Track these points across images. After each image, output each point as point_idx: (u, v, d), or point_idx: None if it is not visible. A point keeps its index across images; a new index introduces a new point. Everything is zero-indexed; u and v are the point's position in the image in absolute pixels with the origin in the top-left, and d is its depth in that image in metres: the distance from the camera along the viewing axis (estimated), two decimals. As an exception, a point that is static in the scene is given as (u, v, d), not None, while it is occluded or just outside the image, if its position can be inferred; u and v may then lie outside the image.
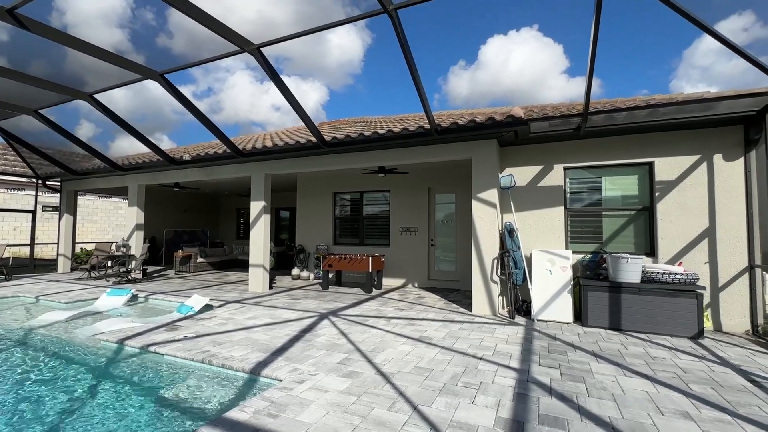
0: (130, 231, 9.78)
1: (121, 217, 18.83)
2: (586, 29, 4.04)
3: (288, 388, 3.01)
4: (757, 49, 7.27)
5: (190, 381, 3.52)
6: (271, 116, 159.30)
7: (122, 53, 6.56)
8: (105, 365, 4.01)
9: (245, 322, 5.17)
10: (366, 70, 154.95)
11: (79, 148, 8.73)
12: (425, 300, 6.99)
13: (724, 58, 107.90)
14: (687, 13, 3.47)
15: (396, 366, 3.55)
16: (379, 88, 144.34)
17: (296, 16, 4.30)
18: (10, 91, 7.13)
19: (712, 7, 3.60)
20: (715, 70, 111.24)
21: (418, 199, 8.92)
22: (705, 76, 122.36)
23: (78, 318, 5.77)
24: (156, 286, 8.29)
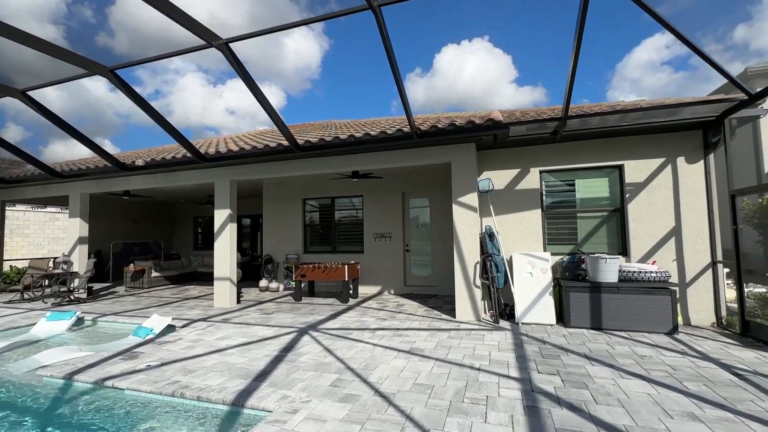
0: (72, 245, 8.73)
1: (58, 229, 16.93)
2: (532, 41, 4.13)
3: (281, 421, 2.66)
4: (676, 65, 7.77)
5: (160, 420, 3.05)
6: (226, 120, 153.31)
7: (39, 56, 5.85)
8: (49, 407, 3.40)
9: (217, 344, 4.68)
10: (324, 75, 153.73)
11: (6, 153, 7.66)
12: (405, 308, 6.80)
13: (650, 72, 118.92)
14: (650, 9, 3.57)
15: (394, 384, 3.31)
16: (338, 94, 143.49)
17: (249, 19, 4.03)
18: None
19: (639, 25, 3.79)
20: (643, 83, 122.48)
21: (392, 204, 8.75)
22: (635, 87, 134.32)
23: (11, 349, 4.95)
24: (105, 306, 7.42)
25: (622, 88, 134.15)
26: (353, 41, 26.24)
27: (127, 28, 4.85)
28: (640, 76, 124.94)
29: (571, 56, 4.19)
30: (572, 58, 4.19)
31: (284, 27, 4.32)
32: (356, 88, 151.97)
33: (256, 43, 4.42)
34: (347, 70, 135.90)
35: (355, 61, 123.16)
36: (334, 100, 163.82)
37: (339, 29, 47.95)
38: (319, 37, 21.58)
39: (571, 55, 4.17)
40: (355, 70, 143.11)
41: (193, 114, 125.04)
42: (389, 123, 8.31)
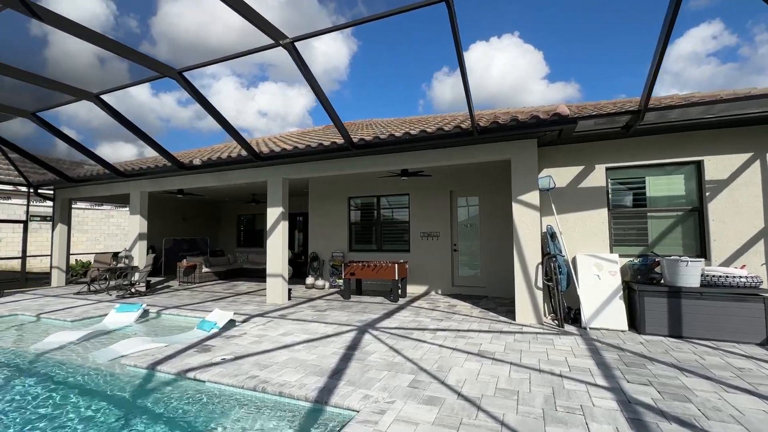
0: (133, 241, 9.19)
1: (113, 226, 18.01)
2: (565, 36, 3.81)
3: (371, 422, 2.62)
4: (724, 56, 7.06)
5: (245, 414, 3.09)
6: (258, 122, 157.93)
7: (104, 61, 6.14)
8: (134, 396, 3.54)
9: (282, 340, 4.74)
10: (351, 76, 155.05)
11: (61, 156, 8.19)
12: (458, 309, 6.65)
13: (694, 64, 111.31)
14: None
15: (476, 388, 3.19)
16: (365, 95, 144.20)
17: (280, 24, 4.13)
18: (6, 93, 6.59)
19: (683, 13, 3.46)
20: (685, 76, 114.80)
21: (439, 203, 8.61)
22: (677, 81, 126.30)
23: (90, 338, 5.25)
24: (164, 300, 7.75)
25: (662, 81, 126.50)
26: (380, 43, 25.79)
27: (167, 37, 5.15)
28: (681, 68, 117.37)
29: (660, 40, 3.89)
30: (660, 43, 3.90)
31: (351, 24, 4.30)
32: (382, 89, 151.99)
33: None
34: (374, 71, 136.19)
35: (381, 62, 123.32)
36: (361, 100, 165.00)
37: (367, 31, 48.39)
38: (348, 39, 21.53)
39: (660, 39, 3.87)
40: (382, 71, 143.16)
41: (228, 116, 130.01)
42: (437, 120, 8.18)
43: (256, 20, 4.13)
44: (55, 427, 2.97)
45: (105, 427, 2.98)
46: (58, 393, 3.60)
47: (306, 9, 4.75)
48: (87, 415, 3.17)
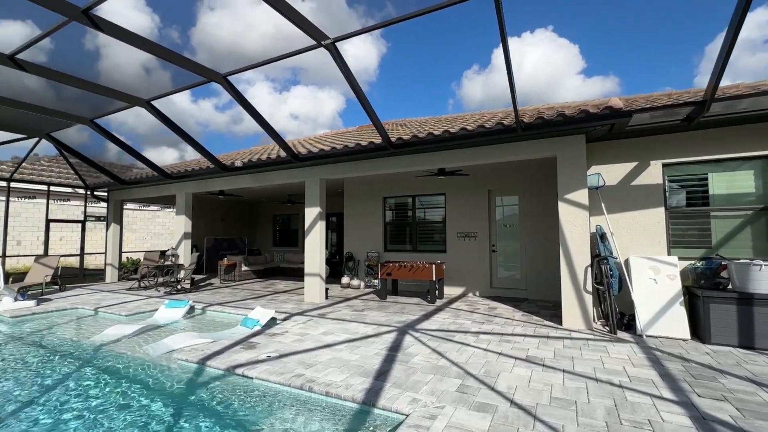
0: (178, 240, 9.63)
1: (159, 225, 19.03)
2: (603, 28, 3.49)
3: (423, 427, 2.55)
4: None
5: (293, 412, 3.11)
6: (290, 125, 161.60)
7: (150, 70, 6.38)
8: (187, 389, 3.66)
9: (323, 339, 4.76)
10: (381, 77, 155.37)
11: (110, 160, 8.68)
12: (499, 311, 6.44)
13: (748, 53, 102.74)
14: None
15: (528, 396, 3.04)
16: (394, 95, 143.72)
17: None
18: (66, 101, 7.07)
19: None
20: (739, 65, 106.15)
21: (476, 203, 8.40)
22: (728, 71, 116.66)
23: (143, 332, 5.52)
24: (208, 297, 8.04)
25: (708, 71, 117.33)
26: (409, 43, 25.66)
27: (206, 46, 5.38)
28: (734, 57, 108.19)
29: (732, 21, 3.55)
30: (733, 26, 3.56)
31: (393, 21, 4.25)
32: (411, 90, 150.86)
33: (315, 50, 4.54)
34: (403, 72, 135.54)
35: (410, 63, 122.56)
36: (390, 101, 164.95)
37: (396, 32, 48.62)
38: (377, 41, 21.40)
39: (733, 21, 3.54)
40: (411, 71, 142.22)
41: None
42: (475, 118, 7.99)
43: (301, 22, 4.17)
44: (117, 415, 3.11)
45: (160, 417, 3.09)
46: (117, 383, 3.79)
47: (336, 13, 4.81)
48: (144, 404, 3.30)
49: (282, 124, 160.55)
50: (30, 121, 7.70)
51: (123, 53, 5.98)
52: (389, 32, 18.31)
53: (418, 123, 9.89)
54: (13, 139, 8.47)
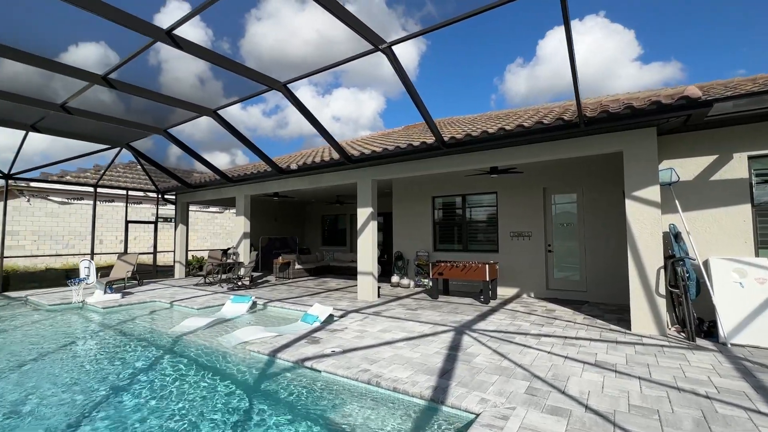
0: (239, 239, 10.25)
1: (217, 226, 20.35)
2: (662, 11, 3.12)
3: (496, 427, 2.55)
4: None
5: (362, 405, 3.23)
6: (332, 126, 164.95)
7: (205, 82, 6.75)
8: (260, 379, 3.91)
9: (382, 336, 4.88)
10: (421, 76, 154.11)
11: (172, 165, 9.35)
12: (558, 314, 6.21)
13: None
14: None
15: (604, 402, 2.93)
16: (435, 94, 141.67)
17: (351, 33, 4.16)
18: (134, 113, 7.73)
19: None
20: None
21: (531, 201, 8.14)
22: None
23: (214, 325, 5.97)
24: (267, 293, 8.50)
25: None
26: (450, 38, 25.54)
27: (253, 56, 5.73)
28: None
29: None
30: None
31: (445, 23, 4.25)
32: (452, 87, 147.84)
33: (359, 50, 4.62)
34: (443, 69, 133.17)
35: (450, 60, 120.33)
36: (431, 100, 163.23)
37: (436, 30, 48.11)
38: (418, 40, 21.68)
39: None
40: (451, 69, 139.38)
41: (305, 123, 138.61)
42: (529, 114, 7.74)
43: (360, 28, 4.30)
44: (197, 402, 3.42)
45: (238, 403, 3.34)
46: (197, 370, 4.15)
47: (376, 14, 4.91)
48: (222, 391, 3.59)
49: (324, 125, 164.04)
50: (113, 132, 8.59)
51: (181, 66, 6.43)
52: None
53: (467, 121, 9.77)
54: (100, 149, 9.48)
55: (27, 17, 4.88)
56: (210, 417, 3.12)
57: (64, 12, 4.28)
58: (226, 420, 3.06)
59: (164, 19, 4.44)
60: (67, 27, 5.16)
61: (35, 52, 4.98)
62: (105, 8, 3.91)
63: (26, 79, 6.13)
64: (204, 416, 3.13)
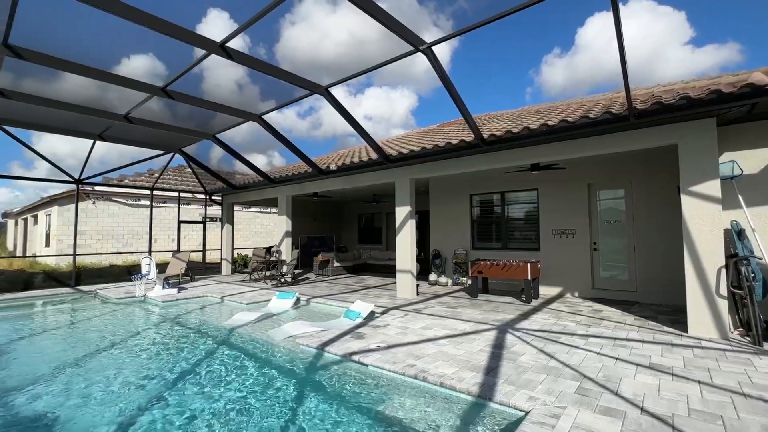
0: (281, 238, 10.69)
1: (258, 225, 21.25)
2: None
3: (548, 425, 2.56)
4: None
5: (409, 399, 3.33)
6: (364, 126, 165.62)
7: (243, 87, 6.95)
8: (310, 371, 4.11)
9: (424, 333, 4.96)
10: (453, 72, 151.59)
11: (215, 167, 9.89)
12: (606, 314, 5.99)
13: None
14: None
15: (661, 405, 2.84)
16: (468, 90, 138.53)
17: (383, 32, 4.18)
18: (187, 120, 8.21)
19: None
20: None
21: (574, 197, 7.87)
22: None
23: (263, 319, 6.30)
24: (308, 290, 8.82)
25: None
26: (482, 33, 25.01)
27: (288, 59, 5.98)
28: None
29: None
30: None
31: (485, 22, 4.24)
32: (486, 82, 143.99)
33: (388, 46, 4.64)
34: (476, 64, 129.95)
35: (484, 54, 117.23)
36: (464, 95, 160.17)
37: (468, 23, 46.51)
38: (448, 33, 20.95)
39: None
40: (484, 63, 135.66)
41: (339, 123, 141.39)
42: (572, 107, 7.49)
43: (401, 31, 4.38)
44: (253, 389, 3.66)
45: (290, 392, 3.55)
46: (251, 360, 4.44)
47: (406, 11, 4.91)
48: (275, 380, 3.82)
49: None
50: (167, 139, 9.23)
51: (221, 74, 6.70)
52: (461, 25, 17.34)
53: (505, 117, 9.59)
54: (155, 155, 10.24)
55: (86, 34, 5.18)
56: (266, 403, 3.35)
57: (118, 27, 4.58)
58: (281, 407, 3.27)
59: (206, 29, 4.73)
60: (121, 41, 5.47)
61: (94, 66, 5.41)
62: (162, 24, 4.23)
63: (86, 92, 6.68)
64: (260, 402, 3.36)
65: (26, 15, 4.24)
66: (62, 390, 3.74)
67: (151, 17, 4.14)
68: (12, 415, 3.24)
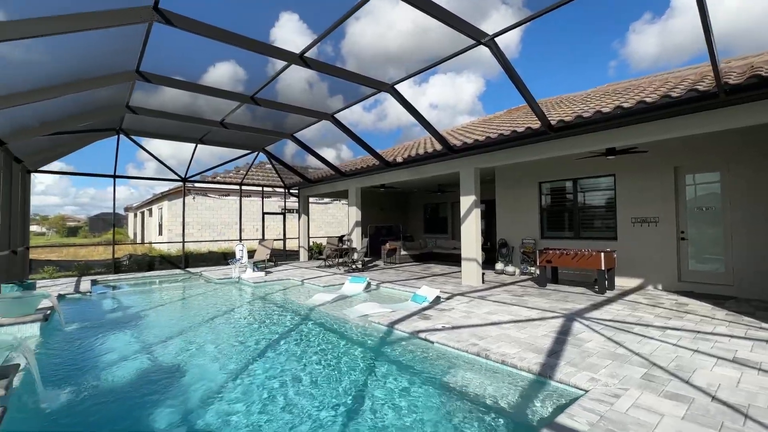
0: (351, 227, 11.44)
1: (329, 216, 22.64)
2: None
3: (605, 402, 2.68)
4: None
5: (472, 373, 3.62)
6: (429, 114, 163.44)
7: (312, 85, 7.34)
8: (381, 345, 4.59)
9: (488, 317, 5.16)
10: (524, 52, 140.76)
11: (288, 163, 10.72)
12: (691, 308, 5.58)
13: None
14: None
15: (736, 396, 2.77)
16: (538, 70, 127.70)
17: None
18: (263, 120, 9.09)
19: None
20: None
21: (657, 183, 7.28)
22: None
23: (338, 300, 6.98)
24: (378, 275, 9.40)
25: None
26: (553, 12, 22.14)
27: (353, 54, 6.22)
28: None
29: None
30: None
31: (554, 6, 4.20)
32: (558, 61, 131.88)
33: (451, 34, 4.64)
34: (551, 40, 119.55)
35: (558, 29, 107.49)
36: (534, 77, 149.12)
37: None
38: (519, 11, 18.81)
39: None
40: (559, 40, 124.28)
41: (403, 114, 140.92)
42: (654, 85, 6.90)
43: (463, 27, 4.55)
44: (332, 359, 4.23)
45: (364, 362, 4.05)
46: (330, 334, 5.06)
47: None
48: (350, 351, 4.36)
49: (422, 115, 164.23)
50: (253, 140, 10.41)
51: (293, 75, 7.07)
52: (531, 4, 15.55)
53: (578, 99, 9.07)
54: (243, 154, 11.59)
55: (177, 51, 5.95)
56: (344, 369, 3.89)
57: (201, 41, 5.23)
58: (356, 373, 3.78)
59: (279, 33, 5.28)
60: (207, 52, 6.06)
61: (185, 78, 6.33)
62: (244, 41, 4.91)
63: (179, 103, 7.75)
64: (340, 369, 3.92)
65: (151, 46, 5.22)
66: (186, 345, 4.71)
67: (234, 35, 4.81)
68: (154, 360, 4.22)
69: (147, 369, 3.98)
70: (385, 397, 3.24)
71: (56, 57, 4.84)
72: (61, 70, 5.05)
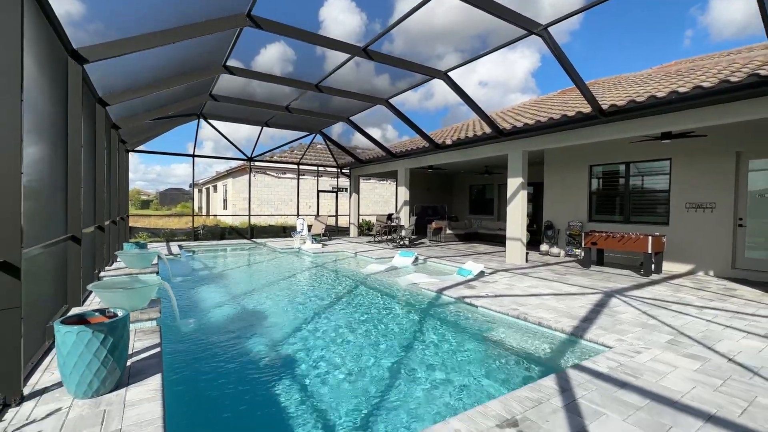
0: (400, 206, 12.11)
1: (376, 195, 23.48)
2: None
3: (626, 355, 3.16)
4: None
5: (512, 332, 4.20)
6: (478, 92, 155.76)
7: (359, 64, 7.55)
8: (430, 307, 5.28)
9: (529, 290, 5.64)
10: (586, 23, 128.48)
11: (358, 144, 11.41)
12: (739, 293, 5.65)
13: None
14: None
15: (754, 360, 3.11)
16: (601, 44, 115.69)
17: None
18: (322, 105, 9.80)
19: None
20: None
21: (717, 168, 7.11)
22: None
23: (389, 271, 7.75)
24: (424, 251, 10.05)
25: None
26: None
27: (400, 32, 6.26)
28: None
29: None
30: None
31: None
32: (624, 36, 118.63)
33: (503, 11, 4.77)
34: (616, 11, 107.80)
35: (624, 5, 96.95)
36: (594, 52, 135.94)
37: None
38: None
39: None
40: (623, 12, 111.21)
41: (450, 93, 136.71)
42: (718, 67, 6.68)
43: (512, 18, 4.86)
44: (387, 315, 4.98)
45: (415, 321, 4.75)
46: (384, 298, 5.83)
47: None
48: (403, 313, 5.09)
49: (470, 92, 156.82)
50: (311, 122, 11.28)
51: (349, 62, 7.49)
52: None
53: (637, 80, 8.85)
54: (301, 136, 12.55)
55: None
56: (399, 326, 4.63)
57: None
58: (409, 329, 4.51)
59: (326, 12, 5.66)
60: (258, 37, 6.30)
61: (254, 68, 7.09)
62: (319, 39, 5.57)
63: (256, 91, 8.66)
64: (395, 325, 4.66)
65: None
66: (264, 299, 5.71)
67: (315, 36, 5.49)
68: (241, 308, 5.23)
69: (240, 312, 5.00)
70: (439, 341, 3.94)
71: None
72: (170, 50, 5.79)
